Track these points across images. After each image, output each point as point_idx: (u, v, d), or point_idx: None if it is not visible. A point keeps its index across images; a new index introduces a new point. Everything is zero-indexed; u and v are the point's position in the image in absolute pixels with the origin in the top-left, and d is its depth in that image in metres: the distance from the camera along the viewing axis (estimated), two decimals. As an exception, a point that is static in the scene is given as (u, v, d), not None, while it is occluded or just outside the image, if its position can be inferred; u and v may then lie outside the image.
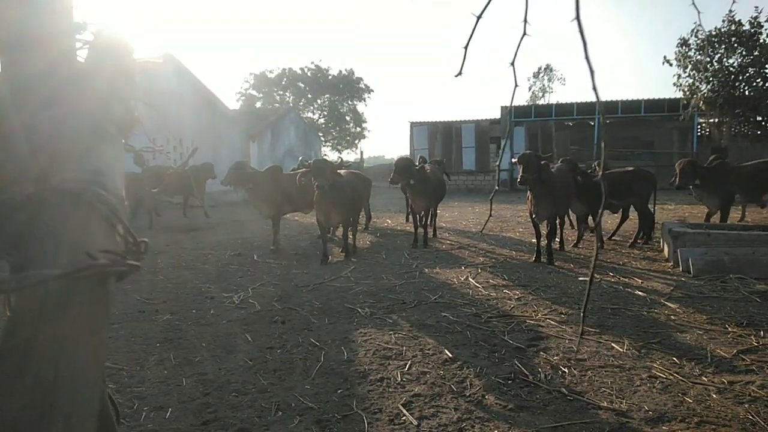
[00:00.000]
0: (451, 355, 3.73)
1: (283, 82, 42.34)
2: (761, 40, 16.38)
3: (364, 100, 44.03)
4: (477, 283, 5.91)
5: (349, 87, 42.77)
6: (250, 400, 3.13)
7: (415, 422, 2.81)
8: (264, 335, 4.27)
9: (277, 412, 2.97)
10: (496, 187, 2.34)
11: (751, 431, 2.65)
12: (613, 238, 8.82)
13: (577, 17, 1.05)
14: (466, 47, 1.40)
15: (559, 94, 52.17)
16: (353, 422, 2.84)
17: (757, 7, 16.72)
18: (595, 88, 1.07)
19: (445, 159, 10.60)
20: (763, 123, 17.17)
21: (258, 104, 41.16)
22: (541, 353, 3.77)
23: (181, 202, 12.96)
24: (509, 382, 3.29)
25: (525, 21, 1.28)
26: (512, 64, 1.41)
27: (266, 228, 8.77)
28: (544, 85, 45.73)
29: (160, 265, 7.29)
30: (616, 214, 9.13)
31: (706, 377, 3.31)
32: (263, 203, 8.21)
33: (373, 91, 43.86)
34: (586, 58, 1.06)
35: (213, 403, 3.09)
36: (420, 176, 7.99)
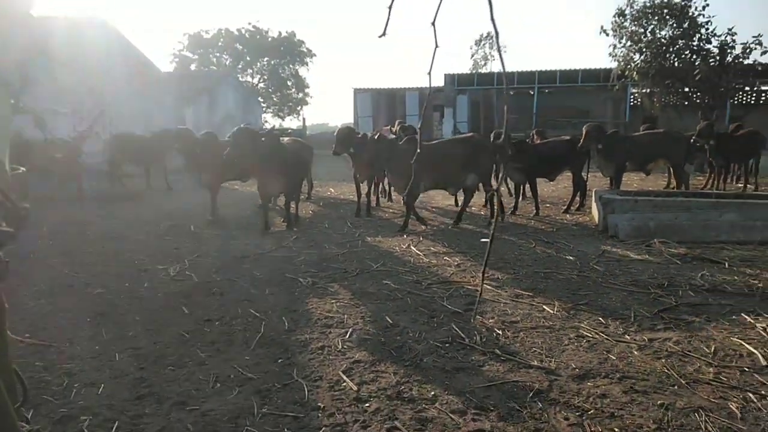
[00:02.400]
0: (391, 322, 3.79)
1: (220, 43, 40.54)
2: (690, 13, 17.08)
3: (307, 65, 42.93)
4: (418, 251, 6.00)
5: (291, 50, 41.49)
6: (186, 373, 3.07)
7: (355, 387, 2.85)
8: (202, 308, 4.18)
9: (216, 384, 2.94)
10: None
11: (666, 383, 2.86)
12: (547, 204, 9.14)
13: None
14: (390, 7, 1.36)
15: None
16: (293, 390, 2.85)
17: (688, -21, 17.23)
18: (498, 50, 1.08)
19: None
20: (690, 94, 18.03)
21: (193, 66, 39.33)
22: (478, 317, 3.89)
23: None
24: (447, 345, 3.39)
25: None
26: (433, 24, 1.38)
27: (205, 198, 8.51)
28: (486, 53, 46.04)
29: (90, 237, 6.95)
30: (552, 182, 9.45)
31: (628, 335, 3.53)
32: (201, 171, 7.94)
33: (315, 55, 42.79)
34: (492, 19, 1.06)
35: (148, 378, 3.02)
36: (361, 145, 7.92)
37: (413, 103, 27.98)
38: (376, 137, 7.84)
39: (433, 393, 2.79)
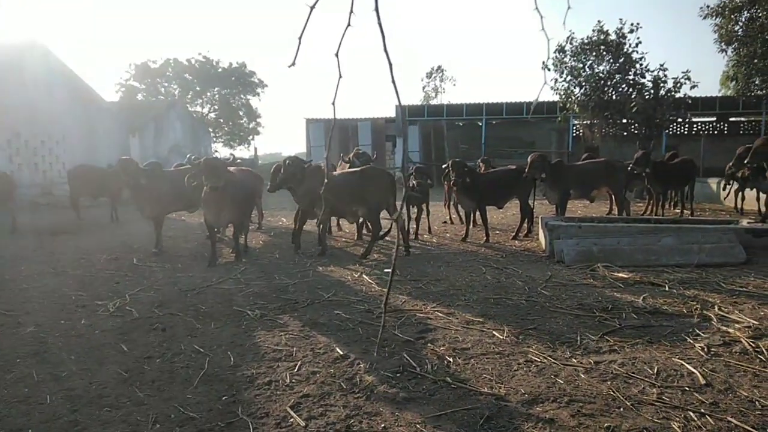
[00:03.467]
0: (342, 353, 3.72)
1: (168, 73, 39.92)
2: (625, 50, 18.13)
3: (258, 95, 42.81)
4: (370, 279, 5.96)
5: (241, 80, 41.32)
6: (124, 414, 2.89)
7: (303, 423, 2.75)
8: (142, 344, 3.98)
9: (155, 425, 2.78)
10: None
11: (612, 405, 2.91)
12: (496, 231, 9.33)
13: (376, 9, 1.06)
14: (300, 38, 1.38)
15: (451, 95, 54.27)
16: (238, 429, 2.73)
17: (621, 19, 18.36)
18: (393, 81, 1.10)
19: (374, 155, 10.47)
20: (628, 125, 19.00)
21: (140, 96, 38.49)
22: (429, 345, 3.87)
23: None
24: (398, 375, 3.34)
25: (351, 12, 1.28)
26: (336, 54, 1.40)
27: (148, 229, 8.22)
28: (436, 86, 47.27)
29: (24, 273, 6.56)
30: (500, 209, 9.67)
31: (575, 359, 3.58)
32: (144, 202, 7.67)
33: (266, 85, 42.78)
34: (384, 50, 1.09)
35: (81, 421, 2.82)
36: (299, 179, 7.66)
37: (366, 133, 28.25)
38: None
39: (383, 425, 2.73)
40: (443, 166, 9.87)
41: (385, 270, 6.46)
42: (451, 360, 3.58)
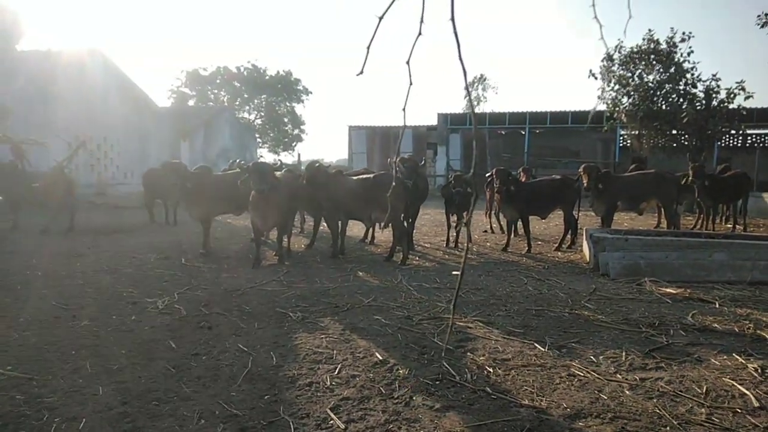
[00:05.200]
0: (381, 358, 3.75)
1: (218, 81, 41.25)
2: (676, 59, 17.59)
3: (303, 102, 43.67)
4: (410, 286, 5.98)
5: (287, 88, 42.26)
6: (171, 408, 3.00)
7: (342, 426, 2.79)
8: (189, 341, 4.12)
9: (200, 420, 2.87)
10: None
11: (658, 423, 2.83)
12: (539, 242, 9.19)
13: (452, 18, 1.08)
14: (368, 47, 1.41)
15: (493, 103, 53.87)
16: (279, 428, 2.79)
17: (672, 27, 17.83)
18: (467, 87, 1.12)
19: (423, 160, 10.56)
20: (678, 136, 18.40)
21: (191, 102, 39.84)
22: (469, 354, 3.85)
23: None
24: (437, 382, 3.35)
25: (421, 21, 1.31)
26: (407, 62, 1.43)
27: (197, 230, 8.49)
28: (478, 94, 47.00)
29: (79, 269, 6.88)
30: (543, 219, 9.52)
31: (620, 374, 3.50)
32: (193, 204, 7.94)
33: (311, 93, 43.61)
34: (460, 58, 1.11)
35: (131, 413, 2.95)
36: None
37: (407, 141, 28.37)
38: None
39: None
40: (486, 174, 9.82)
41: (453, 272, 6.73)
42: (491, 370, 3.55)
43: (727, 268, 6.36)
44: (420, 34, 1.34)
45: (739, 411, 2.97)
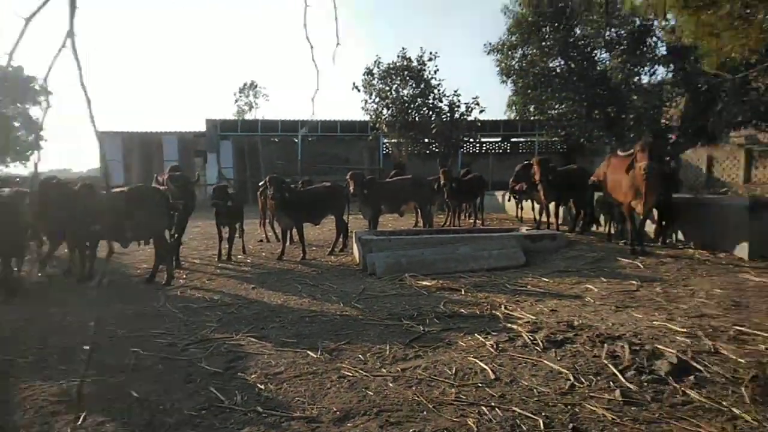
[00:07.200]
0: (138, 396, 3.33)
1: None
2: (425, 76, 19.87)
3: (40, 104, 37.31)
4: (175, 308, 5.50)
5: (16, 87, 35.66)
6: None
7: (86, 486, 2.38)
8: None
9: None
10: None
11: (416, 410, 3.05)
12: (313, 247, 9.40)
13: (73, 44, 0.99)
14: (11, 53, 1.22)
15: (265, 110, 53.81)
16: None
17: (421, 47, 20.11)
18: (91, 117, 1.04)
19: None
20: (430, 144, 20.83)
21: None
22: (240, 374, 3.67)
23: None
24: (203, 412, 3.09)
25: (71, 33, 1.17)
26: (44, 80, 1.27)
27: None
28: (250, 101, 46.44)
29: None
30: (317, 225, 9.76)
31: (384, 368, 3.70)
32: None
33: (51, 93, 37.53)
34: (81, 84, 1.03)
35: None
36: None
37: (172, 149, 26.41)
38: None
39: (184, 471, 2.49)
40: (259, 183, 9.66)
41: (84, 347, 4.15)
42: (262, 387, 3.43)
43: (470, 258, 7.32)
44: (63, 46, 1.17)
45: (480, 385, 3.37)
